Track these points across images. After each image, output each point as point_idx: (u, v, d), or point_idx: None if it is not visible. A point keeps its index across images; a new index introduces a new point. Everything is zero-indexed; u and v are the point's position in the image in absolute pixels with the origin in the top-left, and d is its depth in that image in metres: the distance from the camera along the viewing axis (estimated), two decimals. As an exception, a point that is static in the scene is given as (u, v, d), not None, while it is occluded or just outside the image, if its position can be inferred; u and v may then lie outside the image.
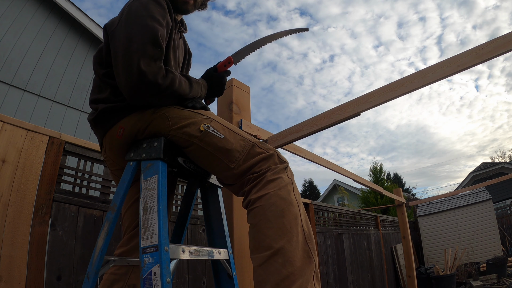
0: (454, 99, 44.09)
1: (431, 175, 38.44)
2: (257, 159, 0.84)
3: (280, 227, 0.72)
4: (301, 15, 42.50)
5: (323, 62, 44.52)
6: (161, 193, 0.79)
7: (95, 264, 0.80)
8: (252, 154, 0.86)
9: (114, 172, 1.04)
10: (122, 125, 0.90)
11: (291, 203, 0.76)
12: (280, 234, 0.71)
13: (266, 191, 0.77)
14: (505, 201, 11.29)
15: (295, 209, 0.76)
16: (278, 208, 0.74)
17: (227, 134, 0.88)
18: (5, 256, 1.11)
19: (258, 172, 0.82)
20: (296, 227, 0.73)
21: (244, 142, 0.88)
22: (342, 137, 46.40)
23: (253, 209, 0.78)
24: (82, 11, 4.61)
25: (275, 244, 0.70)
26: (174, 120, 0.88)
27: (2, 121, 1.22)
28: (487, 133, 40.68)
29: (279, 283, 0.66)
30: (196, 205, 2.19)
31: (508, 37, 0.95)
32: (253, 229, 0.76)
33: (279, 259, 0.68)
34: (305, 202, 3.28)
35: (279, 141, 1.42)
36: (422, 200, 6.55)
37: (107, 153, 0.98)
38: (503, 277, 5.34)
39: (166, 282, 0.68)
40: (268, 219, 0.73)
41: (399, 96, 1.13)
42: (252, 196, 0.79)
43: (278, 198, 0.75)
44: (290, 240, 0.70)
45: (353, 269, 3.84)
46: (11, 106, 3.67)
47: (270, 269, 0.68)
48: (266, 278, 0.68)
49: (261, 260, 0.70)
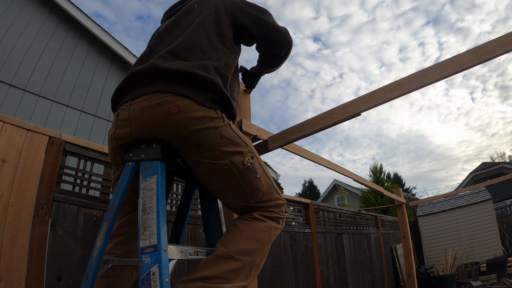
0: (452, 109, 48.26)
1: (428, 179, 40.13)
2: (273, 204, 0.96)
3: (253, 249, 0.87)
4: (314, 41, 49.01)
5: (333, 79, 50.78)
6: (160, 193, 0.79)
7: (94, 264, 0.80)
8: (271, 198, 0.97)
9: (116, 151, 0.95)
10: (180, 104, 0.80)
11: (269, 242, 0.93)
12: (249, 252, 0.86)
13: (267, 221, 0.92)
14: (505, 201, 11.29)
15: (268, 247, 0.94)
16: (263, 238, 0.90)
17: (261, 175, 0.94)
18: (5, 256, 1.11)
19: (269, 211, 0.95)
20: (258, 256, 0.89)
21: (269, 185, 0.97)
22: (347, 144, 51.00)
23: (250, 221, 0.91)
24: (82, 11, 4.61)
25: (241, 255, 0.84)
26: (226, 142, 0.87)
27: (2, 121, 1.22)
28: (484, 139, 43.36)
29: (214, 277, 0.78)
30: (196, 205, 2.19)
31: (508, 37, 0.95)
32: (237, 231, 0.89)
33: (234, 264, 0.82)
34: (305, 202, 3.28)
35: (279, 141, 1.41)
36: (422, 200, 6.54)
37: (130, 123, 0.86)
38: (503, 277, 5.33)
39: (165, 282, 0.68)
40: (253, 238, 0.88)
41: (399, 96, 1.13)
42: (256, 215, 0.92)
43: (268, 232, 0.92)
44: (250, 261, 0.86)
45: (353, 269, 3.84)
46: (11, 106, 3.67)
47: (221, 264, 0.80)
48: (211, 267, 0.79)
49: (222, 254, 0.82)
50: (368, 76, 53.09)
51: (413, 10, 46.53)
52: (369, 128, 51.23)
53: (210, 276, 0.77)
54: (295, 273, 2.78)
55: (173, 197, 1.98)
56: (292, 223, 3.07)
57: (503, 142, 41.15)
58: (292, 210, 3.14)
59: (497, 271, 5.40)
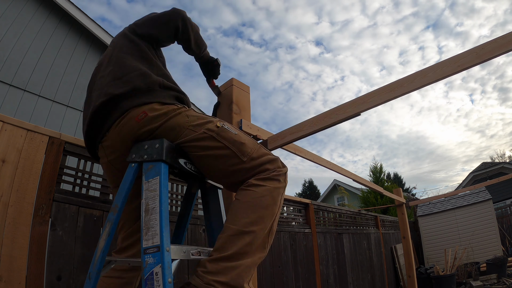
0: (452, 110, 48.92)
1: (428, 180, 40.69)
2: (265, 159, 0.96)
3: (260, 216, 0.87)
4: (316, 45, 49.84)
5: (335, 81, 51.80)
6: (163, 194, 0.79)
7: (97, 264, 0.80)
8: (260, 153, 0.97)
9: (111, 162, 1.05)
10: (147, 110, 0.94)
11: (275, 203, 0.91)
12: (257, 221, 0.86)
13: (265, 183, 0.91)
14: (505, 201, 11.30)
15: (276, 209, 0.92)
16: (266, 202, 0.89)
17: (239, 132, 1.00)
18: (5, 256, 1.11)
19: (265, 171, 0.94)
20: (269, 222, 0.89)
21: (253, 141, 1.01)
22: (348, 145, 51.58)
23: (247, 189, 0.91)
24: (82, 11, 4.61)
25: (251, 226, 0.85)
26: (193, 118, 0.98)
27: (2, 121, 1.22)
28: (483, 140, 43.72)
29: (238, 254, 0.81)
30: (196, 205, 2.19)
31: (508, 37, 0.95)
32: (238, 204, 0.89)
33: (247, 238, 0.83)
34: (305, 202, 3.28)
35: (279, 141, 1.41)
36: (422, 200, 6.55)
37: (109, 138, 0.99)
38: (503, 277, 5.34)
39: (168, 282, 0.68)
40: (255, 205, 0.88)
41: (399, 96, 1.12)
42: (252, 181, 0.92)
43: (270, 195, 0.90)
44: (261, 229, 0.86)
45: (353, 269, 3.84)
46: (11, 106, 3.67)
47: (236, 241, 0.82)
48: (229, 247, 0.81)
49: (232, 232, 0.84)
50: (369, 79, 54.24)
51: (413, 15, 47.32)
52: (370, 129, 52.14)
53: (228, 256, 0.80)
54: (295, 273, 2.78)
55: (173, 197, 1.98)
56: (292, 223, 3.07)
57: (503, 143, 41.83)
58: (292, 210, 3.14)
59: (497, 271, 5.40)
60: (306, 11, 48.93)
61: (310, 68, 53.21)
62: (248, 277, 0.81)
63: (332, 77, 53.01)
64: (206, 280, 0.75)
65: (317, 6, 48.22)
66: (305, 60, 53.25)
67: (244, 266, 0.81)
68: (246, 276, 0.80)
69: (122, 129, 0.95)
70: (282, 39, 56.00)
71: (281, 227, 2.76)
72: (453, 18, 46.39)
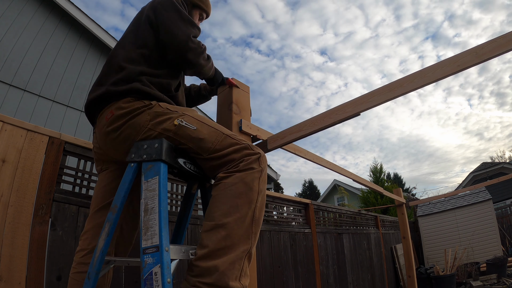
0: (451, 114, 50.43)
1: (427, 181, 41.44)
2: (231, 150, 0.92)
3: (233, 206, 0.83)
4: (321, 54, 52.42)
5: (338, 88, 53.90)
6: (162, 194, 0.79)
7: (96, 264, 0.80)
8: (225, 143, 0.93)
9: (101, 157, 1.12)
10: (114, 110, 0.96)
11: (251, 189, 0.86)
12: (230, 211, 0.82)
13: (233, 173, 0.88)
14: (505, 201, 11.29)
15: (253, 195, 0.86)
16: (237, 190, 0.85)
17: (198, 126, 0.95)
18: (5, 256, 1.11)
19: (231, 162, 0.91)
20: (247, 210, 0.84)
21: (216, 133, 0.95)
22: (350, 148, 53.39)
23: (217, 184, 0.88)
24: (82, 11, 4.61)
25: (223, 218, 0.81)
26: (153, 116, 0.95)
27: (2, 121, 1.22)
28: (482, 142, 44.77)
29: (215, 251, 0.77)
30: (196, 205, 2.19)
31: (508, 37, 0.95)
32: (212, 200, 0.87)
33: (222, 231, 0.79)
34: (305, 202, 3.28)
35: (279, 141, 1.41)
36: (422, 200, 6.54)
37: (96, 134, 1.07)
38: (503, 277, 5.34)
39: (167, 282, 0.68)
40: (225, 196, 0.84)
41: (398, 96, 1.12)
42: (220, 174, 0.89)
43: (241, 182, 0.86)
44: (237, 219, 0.81)
45: (353, 269, 3.84)
46: (11, 106, 3.67)
47: (212, 237, 0.79)
48: (206, 244, 0.78)
49: (208, 227, 0.81)
50: (371, 86, 56.57)
51: (413, 27, 49.49)
52: (371, 133, 53.85)
53: (206, 254, 0.77)
54: (295, 273, 2.78)
55: (173, 197, 1.98)
56: (292, 223, 3.07)
57: (501, 145, 42.87)
58: (292, 210, 3.14)
59: (497, 271, 5.40)
60: (312, 24, 51.32)
61: (314, 75, 55.45)
62: (235, 273, 0.77)
63: (335, 84, 55.22)
64: (192, 282, 0.75)
65: (322, 20, 50.17)
66: (310, 68, 55.19)
67: (227, 263, 0.76)
68: (231, 273, 0.76)
69: (99, 125, 1.02)
70: (288, 49, 58.58)
71: (281, 227, 2.76)
72: (451, 30, 48.70)
